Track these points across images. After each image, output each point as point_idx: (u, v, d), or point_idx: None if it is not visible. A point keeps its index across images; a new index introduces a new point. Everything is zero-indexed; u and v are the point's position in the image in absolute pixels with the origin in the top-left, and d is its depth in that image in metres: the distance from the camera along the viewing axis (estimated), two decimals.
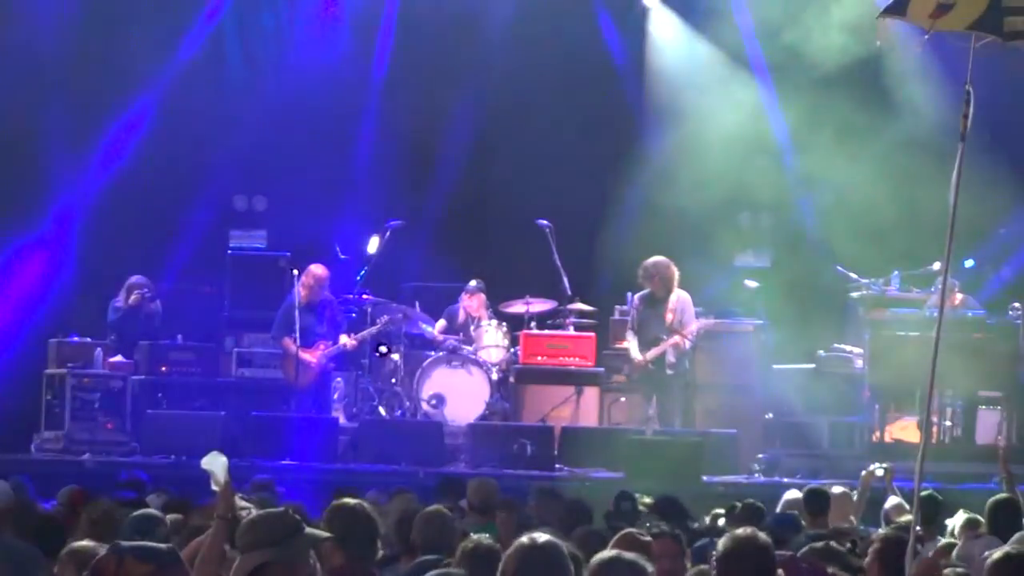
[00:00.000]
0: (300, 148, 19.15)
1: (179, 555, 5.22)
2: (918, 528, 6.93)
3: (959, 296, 16.50)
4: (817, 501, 10.71)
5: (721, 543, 5.74)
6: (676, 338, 16.07)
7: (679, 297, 16.28)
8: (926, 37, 7.32)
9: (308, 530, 5.48)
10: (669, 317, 16.17)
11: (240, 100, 19.33)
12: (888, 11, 7.36)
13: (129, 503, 9.07)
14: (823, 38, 18.54)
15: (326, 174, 19.23)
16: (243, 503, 7.06)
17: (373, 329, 16.90)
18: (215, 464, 6.41)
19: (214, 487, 6.26)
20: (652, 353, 16.14)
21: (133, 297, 17.37)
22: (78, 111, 18.66)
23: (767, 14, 19.32)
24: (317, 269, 16.86)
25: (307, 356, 16.59)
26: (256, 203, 19.75)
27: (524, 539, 5.17)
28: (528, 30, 19.35)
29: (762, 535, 5.77)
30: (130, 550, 5.08)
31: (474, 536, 6.10)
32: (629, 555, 5.34)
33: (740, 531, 5.80)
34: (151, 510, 8.26)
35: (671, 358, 16.14)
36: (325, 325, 16.89)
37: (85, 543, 6.65)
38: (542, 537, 5.17)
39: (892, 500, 11.33)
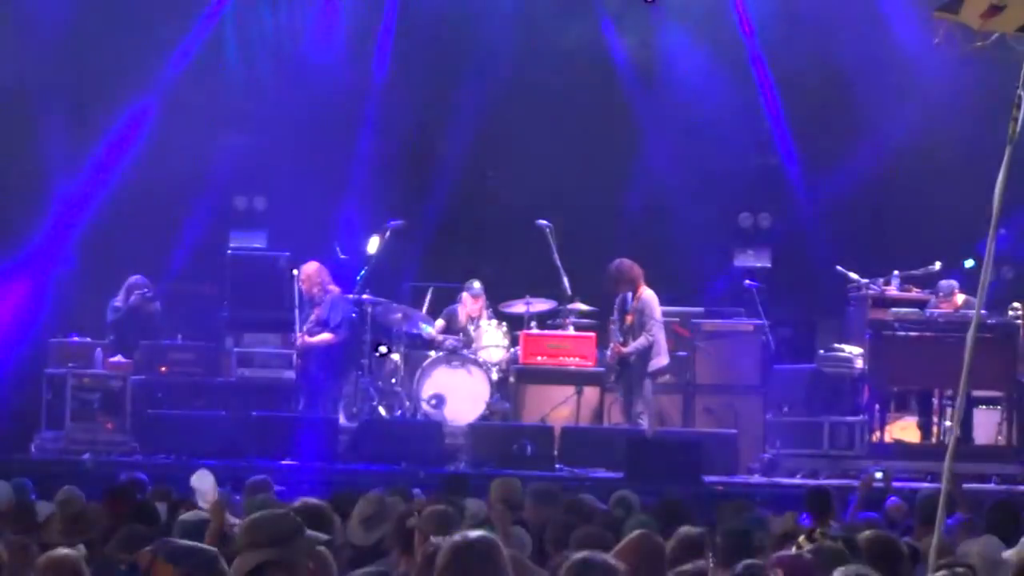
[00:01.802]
0: (300, 148, 19.15)
1: (218, 562, 5.00)
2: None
3: (960, 297, 16.48)
4: (820, 501, 10.67)
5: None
6: (612, 347, 16.18)
7: (642, 298, 16.32)
8: (978, 44, 7.34)
9: (309, 532, 5.46)
10: (628, 319, 16.26)
11: (240, 100, 19.34)
12: (944, 8, 7.37)
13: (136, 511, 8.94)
14: (822, 37, 18.58)
15: (326, 174, 19.23)
16: (234, 519, 6.98)
17: (325, 337, 16.90)
18: (204, 482, 6.35)
19: (202, 504, 6.20)
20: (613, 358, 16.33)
21: (133, 297, 17.37)
22: (78, 111, 18.66)
23: (767, 14, 19.34)
24: (305, 266, 17.06)
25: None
26: (256, 203, 19.75)
27: (457, 536, 5.22)
28: (528, 30, 19.36)
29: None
30: (164, 550, 4.96)
31: (434, 540, 6.05)
32: (601, 555, 5.37)
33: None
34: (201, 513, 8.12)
35: (632, 358, 16.22)
36: (316, 321, 16.92)
37: (63, 551, 6.55)
38: (474, 534, 5.20)
39: (893, 500, 11.34)
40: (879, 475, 11.93)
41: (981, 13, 7.16)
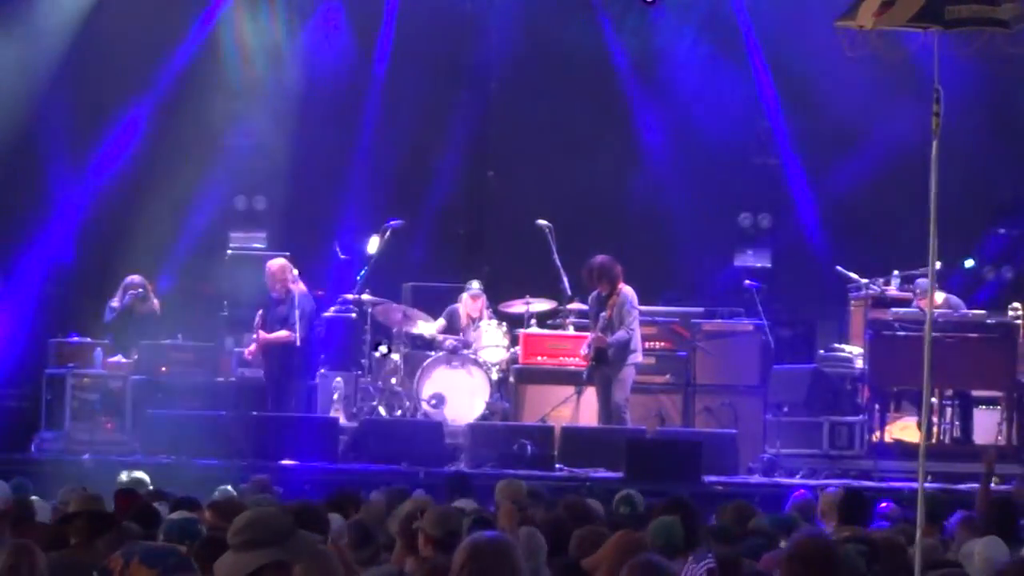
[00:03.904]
0: (300, 148, 19.15)
1: (190, 561, 4.94)
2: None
3: (940, 295, 16.44)
4: (856, 505, 10.54)
5: (787, 545, 5.76)
6: (591, 336, 16.13)
7: (622, 293, 16.24)
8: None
9: (302, 532, 5.42)
10: (607, 314, 16.17)
11: (240, 100, 19.34)
12: (842, 17, 7.44)
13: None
14: (821, 38, 18.56)
15: (326, 174, 19.24)
16: None
17: (282, 335, 16.75)
18: None
19: None
20: (590, 350, 16.25)
21: (127, 297, 17.36)
22: (79, 111, 18.66)
23: (768, 15, 19.35)
24: (270, 263, 16.95)
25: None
26: (256, 203, 19.76)
27: (475, 535, 5.24)
28: (528, 30, 19.36)
29: (827, 538, 5.80)
30: (139, 552, 4.82)
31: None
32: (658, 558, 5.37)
33: (804, 533, 5.84)
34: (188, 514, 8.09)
35: (610, 352, 16.13)
36: (271, 320, 16.85)
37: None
38: (490, 533, 5.22)
39: (886, 503, 11.33)
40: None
41: (874, 12, 7.23)
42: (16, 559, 6.69)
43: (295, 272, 16.90)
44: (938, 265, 16.70)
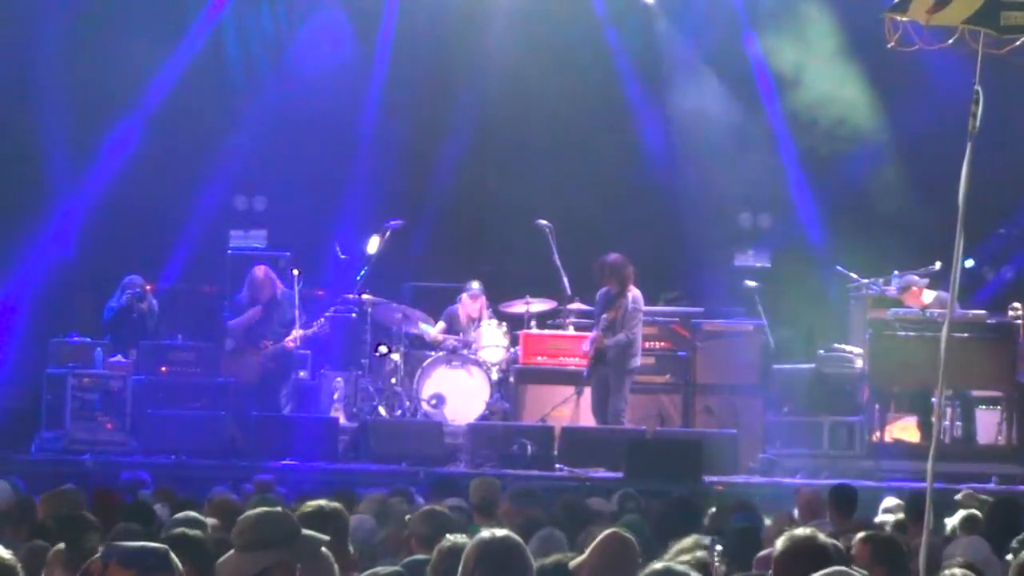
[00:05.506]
0: (300, 148, 19.15)
1: (168, 558, 4.83)
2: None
3: (930, 294, 16.42)
4: (844, 499, 10.61)
5: (779, 543, 5.75)
6: (594, 333, 16.10)
7: (630, 296, 16.23)
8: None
9: (307, 532, 5.41)
10: (612, 315, 16.15)
11: (240, 100, 19.34)
12: (893, 9, 7.39)
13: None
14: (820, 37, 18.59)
15: (326, 174, 19.23)
16: None
17: (309, 332, 16.79)
18: None
19: None
20: (591, 347, 16.21)
21: (124, 297, 17.36)
22: (79, 111, 18.65)
23: (767, 14, 19.34)
24: (258, 269, 16.95)
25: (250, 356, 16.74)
26: (256, 203, 19.77)
27: (484, 534, 5.23)
28: (528, 30, 19.35)
29: (821, 535, 5.79)
30: (116, 553, 4.81)
31: (450, 537, 6.01)
32: (680, 567, 5.38)
33: (799, 531, 5.83)
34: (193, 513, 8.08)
35: (609, 354, 16.12)
36: (274, 323, 16.86)
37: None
38: (500, 532, 5.20)
39: (889, 500, 11.37)
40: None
41: (927, 8, 7.19)
42: (30, 562, 6.71)
43: (296, 272, 16.95)
44: (938, 265, 16.81)
